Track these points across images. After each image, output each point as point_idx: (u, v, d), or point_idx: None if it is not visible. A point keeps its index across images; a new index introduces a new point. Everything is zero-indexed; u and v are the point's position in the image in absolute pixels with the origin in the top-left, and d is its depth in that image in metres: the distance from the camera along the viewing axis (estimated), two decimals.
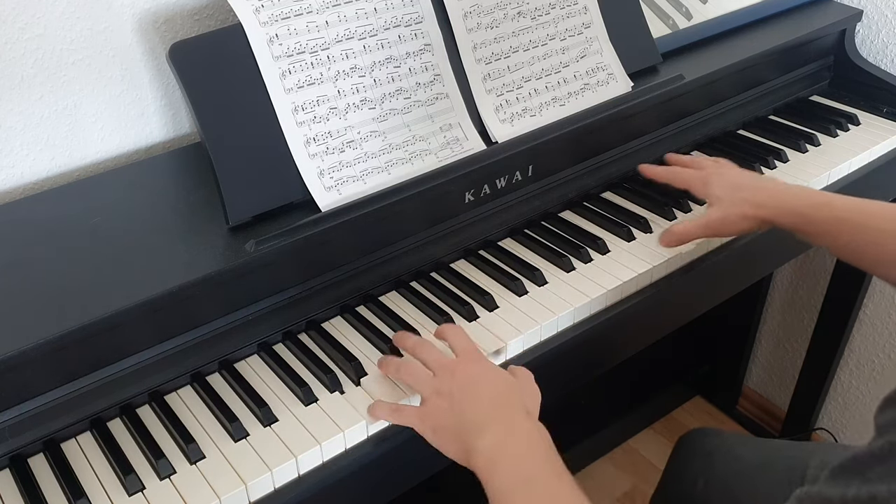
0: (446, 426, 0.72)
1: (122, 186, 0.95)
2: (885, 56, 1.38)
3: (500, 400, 0.73)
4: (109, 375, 0.79)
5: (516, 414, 0.72)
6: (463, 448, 0.70)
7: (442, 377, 0.75)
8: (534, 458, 0.68)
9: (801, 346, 1.72)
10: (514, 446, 0.69)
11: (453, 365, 0.76)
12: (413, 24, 0.96)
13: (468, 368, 0.76)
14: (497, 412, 0.71)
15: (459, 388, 0.73)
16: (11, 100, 0.91)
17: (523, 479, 0.66)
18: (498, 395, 0.73)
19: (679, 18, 1.23)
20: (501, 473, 0.67)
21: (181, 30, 0.99)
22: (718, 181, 0.95)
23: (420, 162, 0.95)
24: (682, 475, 1.04)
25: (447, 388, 0.74)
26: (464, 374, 0.75)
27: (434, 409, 0.74)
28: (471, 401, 0.72)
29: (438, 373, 0.76)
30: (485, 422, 0.70)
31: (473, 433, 0.70)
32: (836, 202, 0.88)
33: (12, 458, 0.74)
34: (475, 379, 0.74)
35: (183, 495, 0.71)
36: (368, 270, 0.93)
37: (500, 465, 0.68)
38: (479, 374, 0.75)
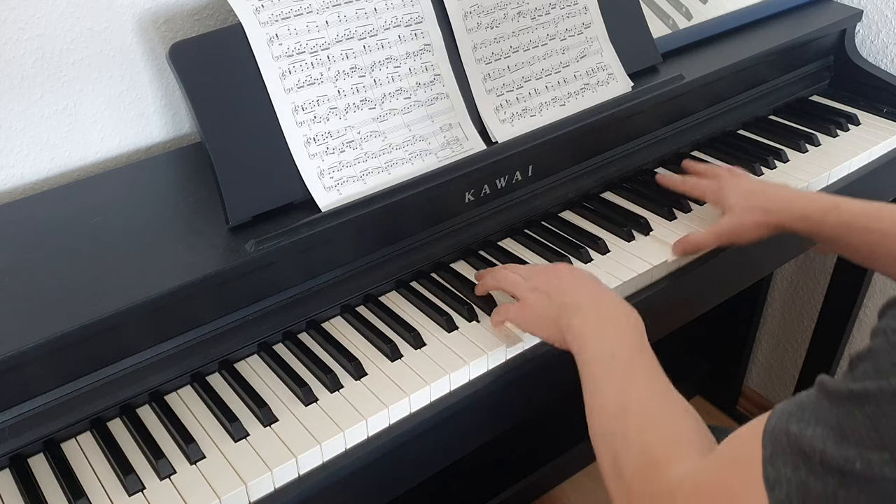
0: (544, 314, 0.81)
1: (122, 186, 0.95)
2: (885, 56, 1.38)
3: (593, 287, 0.81)
4: (109, 375, 0.79)
5: (607, 296, 0.80)
6: (559, 329, 0.78)
7: (536, 278, 0.84)
8: (618, 336, 0.75)
9: (801, 346, 1.72)
10: (603, 325, 0.76)
11: (543, 268, 0.86)
12: (413, 24, 0.96)
13: (558, 268, 0.85)
14: (590, 296, 0.80)
15: (554, 282, 0.82)
16: (11, 100, 0.91)
17: (607, 353, 0.73)
18: (590, 284, 0.82)
19: (679, 18, 1.23)
20: (589, 348, 0.74)
21: (181, 30, 0.99)
22: (732, 190, 0.98)
23: (420, 162, 0.95)
24: None
25: (542, 285, 0.82)
26: (555, 272, 0.84)
27: (532, 302, 0.82)
28: (566, 290, 0.81)
29: (532, 276, 0.85)
30: (580, 303, 0.78)
31: (569, 313, 0.78)
32: (844, 206, 0.90)
33: (12, 458, 0.74)
34: (566, 274, 0.84)
35: (183, 495, 0.71)
36: (368, 270, 0.93)
37: (590, 339, 0.75)
38: (569, 270, 0.85)
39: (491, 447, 0.93)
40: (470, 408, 0.83)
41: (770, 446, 0.52)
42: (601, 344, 0.74)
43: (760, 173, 1.14)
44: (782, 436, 0.52)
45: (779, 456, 0.51)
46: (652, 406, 0.68)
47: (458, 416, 0.82)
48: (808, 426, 0.51)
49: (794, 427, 0.51)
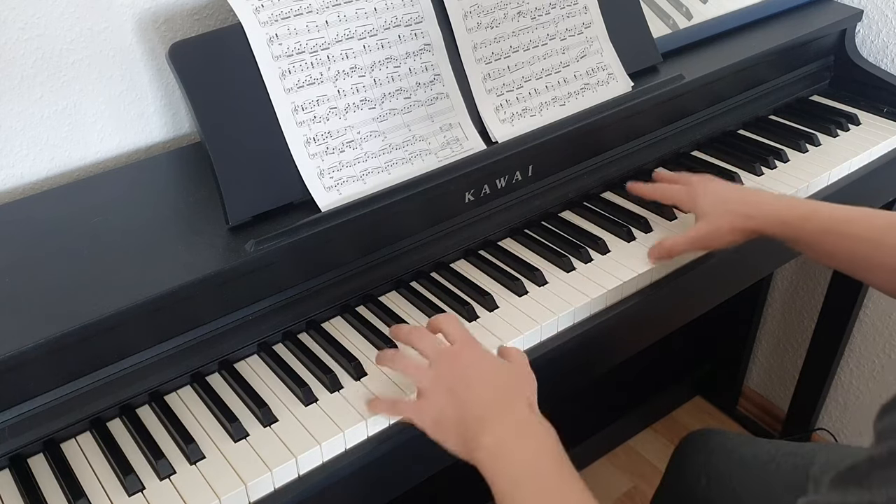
0: (447, 418, 0.71)
1: (122, 186, 0.95)
2: (885, 56, 1.38)
3: (501, 392, 0.72)
4: (109, 375, 0.79)
5: (519, 407, 0.71)
6: (464, 442, 0.70)
7: (439, 366, 0.74)
8: (539, 454, 0.68)
9: (801, 346, 1.72)
10: (519, 442, 0.68)
11: (450, 353, 0.75)
12: (413, 24, 0.96)
13: (465, 356, 0.74)
14: (499, 405, 0.71)
15: (459, 377, 0.72)
16: (11, 100, 0.91)
17: (530, 475, 0.66)
18: (498, 387, 0.72)
19: (679, 18, 1.23)
20: (507, 470, 0.67)
21: (181, 30, 0.99)
22: (705, 195, 0.96)
23: (420, 162, 0.95)
24: (684, 474, 1.04)
25: (445, 379, 0.73)
26: (461, 362, 0.74)
27: (433, 401, 0.72)
28: (471, 392, 0.71)
29: (435, 362, 0.74)
30: (487, 416, 0.69)
31: (476, 427, 0.69)
32: (821, 211, 0.89)
33: (12, 458, 0.74)
34: (473, 367, 0.74)
35: (183, 495, 0.71)
36: (368, 270, 0.93)
37: (505, 461, 0.67)
38: (477, 363, 0.74)
39: None
40: None
41: None
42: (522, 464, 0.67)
43: (761, 173, 1.14)
44: None
45: None
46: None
47: None
48: None
49: None
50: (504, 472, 0.66)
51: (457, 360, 0.74)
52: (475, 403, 0.71)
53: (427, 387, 0.73)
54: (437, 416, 0.72)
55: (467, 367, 0.74)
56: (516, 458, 0.67)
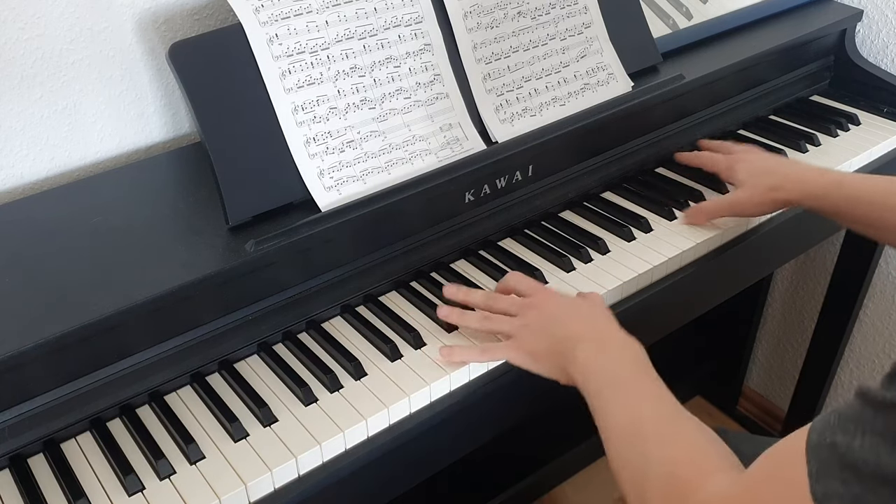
0: (542, 351, 0.79)
1: (122, 186, 0.95)
2: (885, 56, 1.38)
3: (589, 316, 0.80)
4: (109, 375, 0.79)
5: (607, 325, 0.79)
6: (560, 364, 0.77)
7: (526, 314, 0.81)
8: (622, 362, 0.74)
9: (801, 346, 1.72)
10: (606, 353, 0.75)
11: (533, 303, 0.82)
12: (413, 24, 0.96)
13: (547, 301, 0.82)
14: (589, 326, 0.78)
15: (547, 318, 0.80)
16: (11, 100, 0.91)
17: (614, 379, 0.73)
18: (585, 313, 0.80)
19: (679, 18, 1.23)
20: (596, 376, 0.73)
21: (181, 30, 0.99)
22: (744, 165, 1.02)
23: (420, 162, 0.95)
24: None
25: (534, 321, 0.80)
26: (546, 306, 0.81)
27: (527, 340, 0.79)
28: (561, 322, 0.79)
29: (521, 312, 0.81)
30: (578, 336, 0.77)
31: (569, 347, 0.76)
32: (847, 180, 0.94)
33: (12, 458, 0.74)
34: (558, 307, 0.81)
35: (183, 495, 0.71)
36: (368, 270, 0.93)
37: (594, 368, 0.74)
38: (560, 304, 0.82)
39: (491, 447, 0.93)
40: (470, 408, 0.83)
41: (815, 462, 0.50)
42: (607, 371, 0.74)
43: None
44: (827, 450, 0.50)
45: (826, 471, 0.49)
46: (668, 427, 0.67)
47: (457, 417, 0.82)
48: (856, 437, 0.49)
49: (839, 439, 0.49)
50: (592, 383, 0.73)
51: (541, 306, 0.81)
52: (567, 328, 0.78)
53: (519, 331, 0.80)
54: (534, 350, 0.79)
55: (552, 308, 0.81)
56: (602, 369, 0.74)
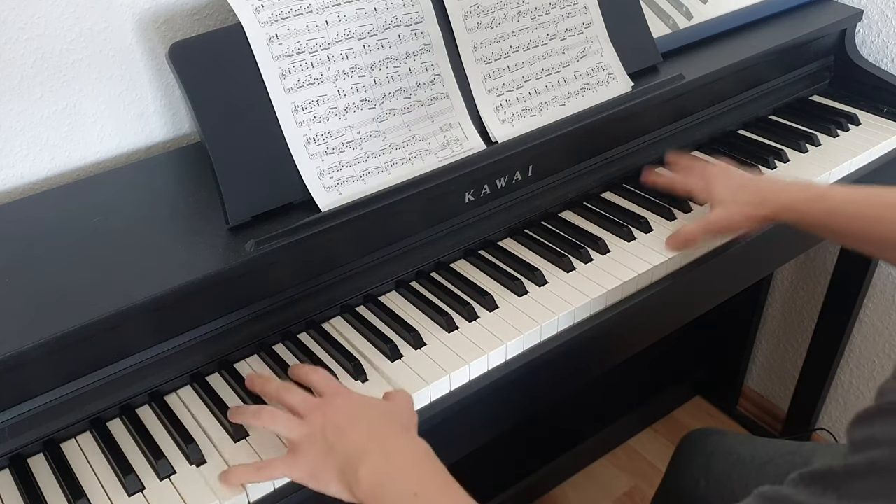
0: (325, 467, 0.69)
1: (122, 186, 0.95)
2: (885, 56, 1.38)
3: (375, 427, 0.71)
4: (109, 375, 0.79)
5: (394, 435, 0.70)
6: (346, 483, 0.68)
7: (312, 419, 0.71)
8: (418, 474, 0.67)
9: (801, 346, 1.72)
10: (396, 466, 0.67)
11: (322, 404, 0.73)
12: (413, 24, 0.96)
13: (336, 404, 0.72)
14: (374, 439, 0.69)
15: (333, 425, 0.70)
16: (11, 100, 0.91)
17: (411, 495, 0.65)
18: (372, 423, 0.71)
19: (679, 18, 1.23)
20: (388, 495, 0.66)
21: (181, 30, 0.99)
22: (720, 183, 0.98)
23: (420, 162, 0.95)
24: (683, 475, 1.04)
25: (319, 429, 0.70)
26: (334, 410, 0.72)
27: (308, 453, 0.70)
28: (346, 435, 0.69)
29: (307, 416, 0.72)
30: (362, 451, 0.68)
31: (353, 464, 0.67)
32: (830, 194, 0.92)
33: (12, 458, 0.74)
34: (345, 413, 0.72)
35: (183, 495, 0.71)
36: (368, 270, 0.93)
37: (385, 487, 0.66)
38: (350, 407, 0.72)
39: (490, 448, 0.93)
40: (470, 408, 0.83)
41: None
42: (401, 488, 0.66)
43: (760, 173, 1.14)
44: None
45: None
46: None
47: (458, 416, 0.82)
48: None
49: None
50: (384, 499, 0.66)
51: (326, 408, 0.72)
52: (350, 442, 0.69)
53: (299, 439, 0.71)
54: (315, 468, 0.70)
55: (337, 412, 0.72)
56: (392, 482, 0.66)
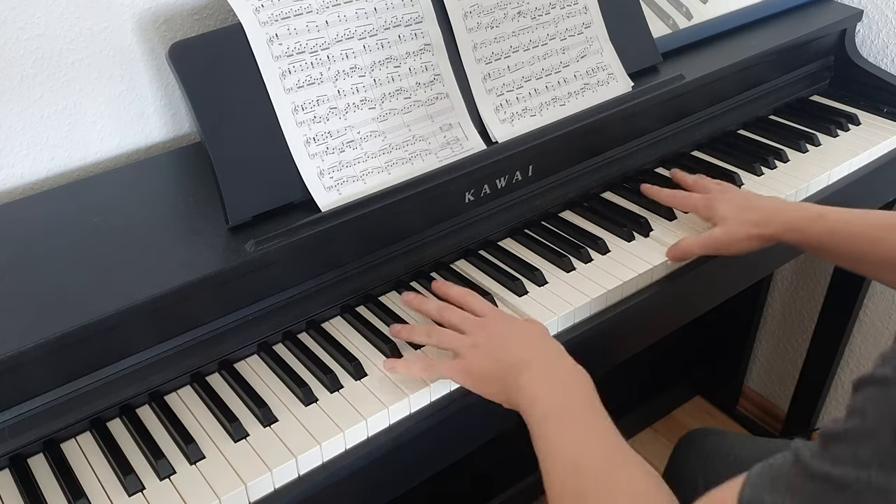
0: (488, 374, 0.77)
1: (122, 186, 0.95)
2: (885, 56, 1.38)
3: (538, 342, 0.79)
4: (109, 375, 0.79)
5: (555, 352, 0.77)
6: (505, 388, 0.75)
7: (475, 333, 0.79)
8: (570, 392, 0.73)
9: (801, 346, 1.72)
10: (553, 378, 0.74)
11: (483, 322, 0.81)
12: (413, 24, 0.96)
13: (498, 323, 0.81)
14: (536, 352, 0.77)
15: (496, 341, 0.78)
16: (11, 100, 0.91)
17: (559, 407, 0.71)
18: (534, 339, 0.79)
19: (679, 18, 1.23)
20: (540, 403, 0.72)
21: (181, 30, 0.99)
22: (723, 203, 0.98)
23: (420, 162, 0.95)
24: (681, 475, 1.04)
25: (484, 342, 0.78)
26: (496, 329, 0.80)
27: (474, 361, 0.78)
28: (509, 347, 0.77)
29: (470, 330, 0.80)
30: (526, 361, 0.75)
31: (514, 372, 0.75)
32: (829, 214, 0.93)
33: (12, 458, 0.74)
34: (507, 331, 0.80)
35: (183, 495, 0.71)
36: (368, 270, 0.93)
37: (539, 395, 0.72)
38: (509, 327, 0.80)
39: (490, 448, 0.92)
40: (470, 407, 0.83)
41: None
42: (552, 400, 0.72)
43: (761, 173, 1.14)
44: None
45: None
46: (611, 468, 0.66)
47: (457, 416, 0.82)
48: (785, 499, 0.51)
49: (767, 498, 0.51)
50: (536, 410, 0.71)
51: (491, 327, 0.80)
52: (514, 353, 0.77)
53: (465, 349, 0.79)
54: (479, 372, 0.78)
55: (501, 332, 0.79)
56: (548, 396, 0.72)
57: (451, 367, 0.79)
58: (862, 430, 0.49)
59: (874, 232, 0.88)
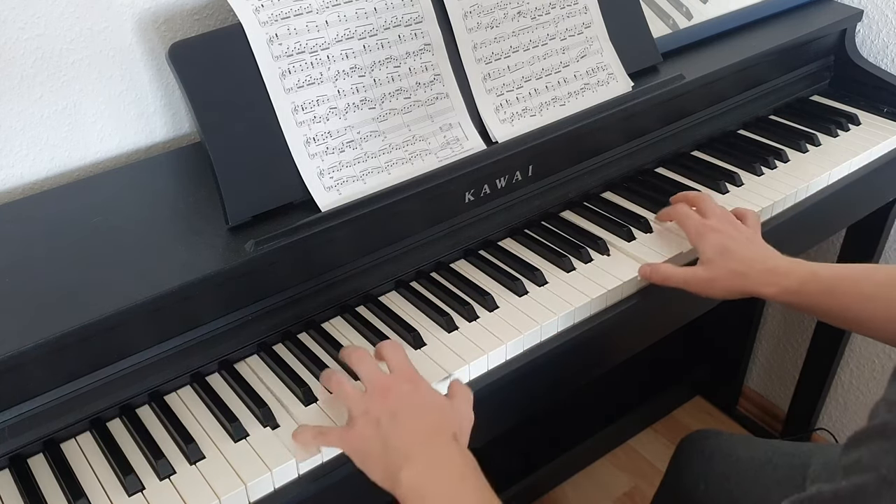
0: (372, 451, 0.70)
1: (122, 186, 0.95)
2: (885, 56, 1.38)
3: (429, 428, 0.71)
4: (109, 375, 0.79)
5: (441, 440, 0.70)
6: (389, 476, 0.69)
7: (372, 396, 0.73)
8: (458, 489, 0.67)
9: (801, 346, 1.72)
10: (438, 478, 0.68)
11: (386, 384, 0.74)
12: (413, 24, 0.96)
13: (399, 388, 0.73)
14: (423, 443, 0.70)
15: (389, 412, 0.71)
16: (11, 100, 0.91)
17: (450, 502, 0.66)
18: (426, 424, 0.72)
19: (679, 18, 1.23)
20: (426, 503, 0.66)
21: (181, 30, 0.99)
22: (712, 240, 0.93)
23: (420, 162, 0.95)
24: (683, 477, 1.04)
25: (376, 411, 0.71)
26: (394, 394, 0.73)
27: (360, 432, 0.71)
28: (398, 428, 0.70)
29: (369, 391, 0.73)
30: (410, 452, 0.69)
31: (398, 462, 0.68)
32: (822, 272, 0.87)
33: (12, 458, 0.74)
34: (404, 401, 0.73)
35: (183, 495, 0.71)
36: (368, 270, 0.93)
37: (422, 495, 0.67)
38: (409, 397, 0.73)
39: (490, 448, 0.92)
40: None
41: None
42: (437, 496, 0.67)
43: (761, 173, 1.14)
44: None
45: None
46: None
47: None
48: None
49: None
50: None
51: (389, 392, 0.73)
52: (399, 437, 0.70)
53: (357, 415, 0.72)
54: (363, 447, 0.71)
55: (398, 399, 0.72)
56: (432, 491, 0.67)
57: (337, 436, 0.73)
58: None
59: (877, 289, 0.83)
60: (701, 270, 0.92)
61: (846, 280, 0.86)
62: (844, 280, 0.86)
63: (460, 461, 0.69)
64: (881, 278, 0.84)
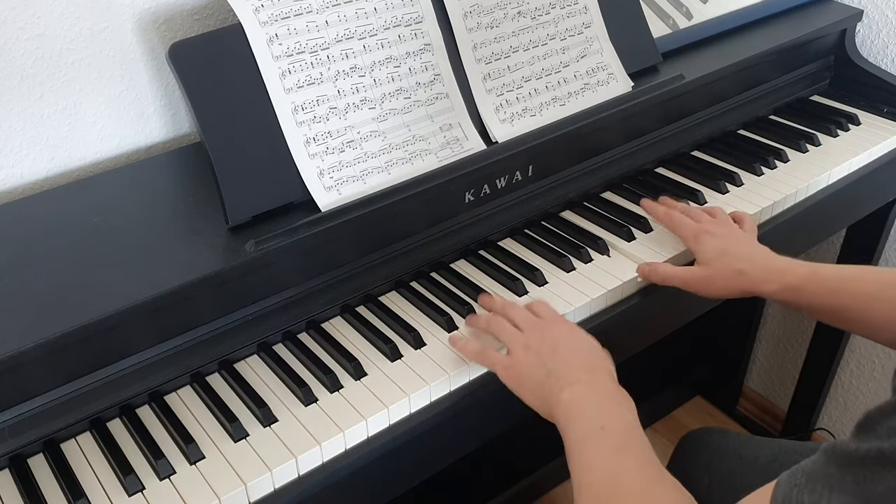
0: (531, 378, 0.77)
1: (122, 186, 0.95)
2: (885, 56, 1.38)
3: (588, 361, 0.78)
4: (109, 375, 0.79)
5: (602, 375, 0.77)
6: (545, 398, 0.75)
7: (531, 334, 0.80)
8: (611, 412, 0.72)
9: (801, 346, 1.72)
10: (595, 400, 0.73)
11: (542, 324, 0.81)
12: (413, 24, 0.96)
13: (556, 329, 0.81)
14: (584, 371, 0.76)
15: (549, 345, 0.78)
16: (11, 100, 0.91)
17: (598, 428, 0.70)
18: (585, 356, 0.79)
19: (679, 18, 1.23)
20: (579, 422, 0.71)
21: (181, 29, 0.99)
22: (709, 242, 0.93)
23: (420, 162, 0.95)
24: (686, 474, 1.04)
25: (536, 345, 0.79)
26: (552, 333, 0.80)
27: (522, 361, 0.78)
28: (559, 358, 0.77)
29: (528, 330, 0.81)
30: (571, 377, 0.75)
31: (557, 386, 0.74)
32: (823, 272, 0.87)
33: (12, 458, 0.74)
34: (563, 339, 0.80)
35: (183, 495, 0.71)
36: (368, 270, 0.93)
37: (579, 415, 0.72)
38: (567, 335, 0.80)
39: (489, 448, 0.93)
40: (470, 408, 0.83)
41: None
42: (593, 419, 0.71)
43: (761, 173, 1.14)
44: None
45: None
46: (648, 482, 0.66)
47: (458, 417, 0.82)
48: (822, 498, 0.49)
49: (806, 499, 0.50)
50: (575, 428, 0.71)
51: (547, 330, 0.80)
52: (562, 366, 0.76)
53: (517, 348, 0.79)
54: (523, 374, 0.78)
55: (556, 337, 0.80)
56: (588, 415, 0.72)
57: (500, 363, 0.80)
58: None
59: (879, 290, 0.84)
60: (699, 270, 0.93)
61: (851, 280, 0.87)
62: (849, 280, 0.87)
63: (616, 391, 0.75)
64: (888, 280, 0.85)
